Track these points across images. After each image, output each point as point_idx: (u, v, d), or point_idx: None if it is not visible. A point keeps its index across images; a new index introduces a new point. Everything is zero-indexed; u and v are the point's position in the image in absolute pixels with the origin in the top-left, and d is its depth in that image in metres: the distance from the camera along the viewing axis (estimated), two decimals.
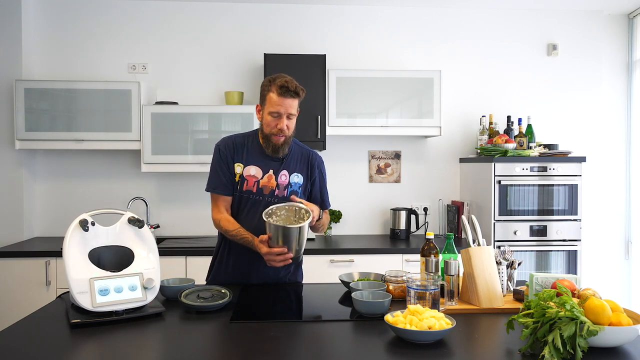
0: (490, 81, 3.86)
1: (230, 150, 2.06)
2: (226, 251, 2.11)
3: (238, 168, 2.04)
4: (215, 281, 2.13)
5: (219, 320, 1.62)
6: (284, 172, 2.05)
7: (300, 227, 1.83)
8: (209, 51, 3.73)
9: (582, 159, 3.37)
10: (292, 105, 1.97)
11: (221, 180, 2.04)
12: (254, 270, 2.06)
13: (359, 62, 3.77)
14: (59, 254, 3.05)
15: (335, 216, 3.70)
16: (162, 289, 1.81)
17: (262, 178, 2.03)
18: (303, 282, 2.22)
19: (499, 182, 3.32)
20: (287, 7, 3.75)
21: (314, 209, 1.95)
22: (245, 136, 2.11)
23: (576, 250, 3.35)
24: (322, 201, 2.15)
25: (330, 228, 3.73)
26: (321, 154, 3.74)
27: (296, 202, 1.92)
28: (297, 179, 2.07)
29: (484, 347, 1.43)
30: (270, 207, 1.91)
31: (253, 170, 2.03)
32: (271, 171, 2.04)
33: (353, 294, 1.69)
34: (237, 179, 2.04)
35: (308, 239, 3.49)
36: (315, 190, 2.13)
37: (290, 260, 1.89)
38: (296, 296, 1.99)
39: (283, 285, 2.11)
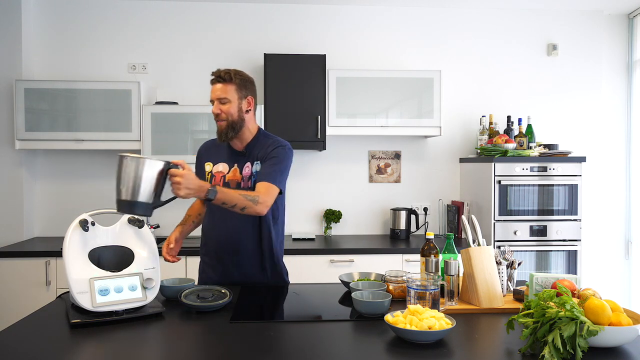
0: (490, 81, 3.86)
1: (204, 152, 2.19)
2: (202, 251, 2.20)
3: (207, 167, 2.14)
4: (202, 281, 2.19)
5: (219, 320, 1.62)
6: (247, 164, 2.06)
7: (139, 160, 1.58)
8: (209, 51, 3.73)
9: (582, 159, 3.37)
10: (222, 89, 2.00)
11: None
12: (234, 272, 2.10)
13: (359, 62, 3.77)
14: (59, 254, 3.05)
15: (335, 216, 3.70)
16: (162, 289, 1.82)
17: (228, 173, 2.09)
18: (304, 282, 2.22)
19: (499, 182, 3.32)
20: (287, 7, 3.75)
21: (183, 164, 1.74)
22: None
23: (576, 250, 3.35)
24: (263, 173, 1.99)
25: (330, 228, 3.73)
26: (321, 154, 3.78)
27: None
28: (258, 167, 2.05)
29: (484, 347, 1.43)
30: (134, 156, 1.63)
31: (221, 167, 2.11)
32: (236, 165, 2.08)
33: (353, 294, 1.69)
34: (207, 177, 2.12)
35: (308, 239, 3.49)
36: (265, 165, 2.01)
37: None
38: (296, 296, 1.99)
39: (283, 286, 2.12)
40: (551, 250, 3.36)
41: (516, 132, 3.55)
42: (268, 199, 1.92)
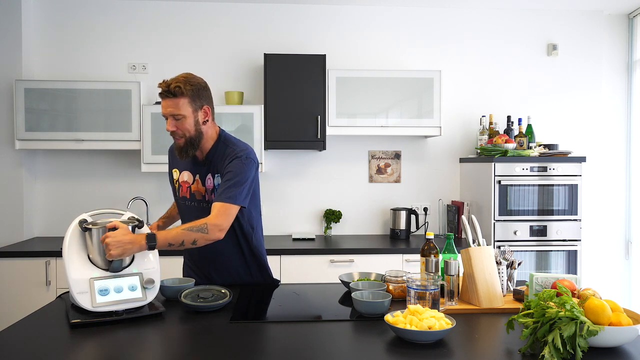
0: (490, 81, 3.86)
1: (171, 155, 2.10)
2: (186, 257, 2.17)
3: (175, 173, 2.06)
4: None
5: (219, 320, 1.62)
6: (209, 175, 1.95)
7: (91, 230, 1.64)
8: (209, 51, 3.73)
9: (582, 159, 3.37)
10: (174, 105, 1.83)
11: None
12: (212, 270, 2.07)
13: (359, 62, 3.77)
14: (59, 254, 3.05)
15: (335, 216, 3.70)
16: (162, 289, 1.81)
17: (192, 183, 1.99)
18: (304, 282, 2.22)
19: (499, 182, 3.31)
20: (287, 7, 3.75)
21: (116, 224, 1.66)
22: None
23: (576, 250, 3.35)
24: (221, 191, 1.84)
25: (330, 228, 3.73)
26: (321, 154, 3.78)
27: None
28: (220, 180, 1.91)
29: (484, 347, 1.43)
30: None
31: (186, 176, 2.01)
32: (197, 176, 1.97)
33: (353, 294, 1.69)
34: (175, 184, 2.06)
35: (308, 239, 3.49)
36: (223, 179, 1.88)
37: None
38: (296, 296, 1.99)
39: (283, 286, 2.12)
40: (551, 250, 3.36)
41: (516, 132, 3.55)
42: (221, 221, 1.77)
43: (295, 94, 3.41)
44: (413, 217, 3.70)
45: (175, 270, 3.09)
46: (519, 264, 1.95)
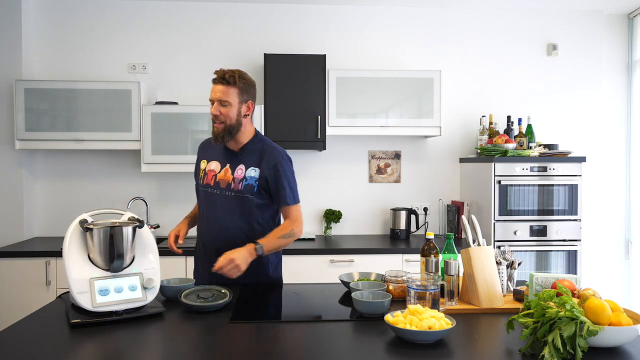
0: (490, 81, 3.86)
1: (201, 149, 2.22)
2: (197, 252, 2.19)
3: (203, 164, 2.16)
4: (198, 281, 2.16)
5: (219, 320, 1.62)
6: (241, 166, 2.07)
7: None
8: (209, 51, 3.73)
9: (582, 159, 3.37)
10: (223, 91, 1.99)
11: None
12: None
13: (359, 62, 3.77)
14: (59, 254, 3.05)
15: (335, 216, 3.70)
16: (162, 289, 1.81)
17: (219, 172, 2.09)
18: (304, 282, 2.22)
19: (499, 182, 3.31)
20: (287, 7, 3.75)
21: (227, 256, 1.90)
22: None
23: (576, 250, 3.35)
24: (278, 198, 2.07)
25: (330, 228, 3.73)
26: (321, 154, 3.78)
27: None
28: (254, 172, 2.05)
29: (484, 347, 1.43)
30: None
31: (213, 165, 2.12)
32: (228, 165, 2.09)
33: (353, 294, 1.69)
34: (201, 174, 2.14)
35: (308, 239, 3.49)
36: (275, 186, 2.06)
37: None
38: (296, 296, 1.99)
39: (282, 286, 2.12)
40: (551, 250, 3.36)
41: (516, 132, 3.55)
42: (300, 222, 2.08)
43: (295, 94, 3.41)
44: (413, 217, 3.70)
45: (176, 270, 3.10)
46: (519, 264, 1.95)
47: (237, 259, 1.87)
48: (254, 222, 2.06)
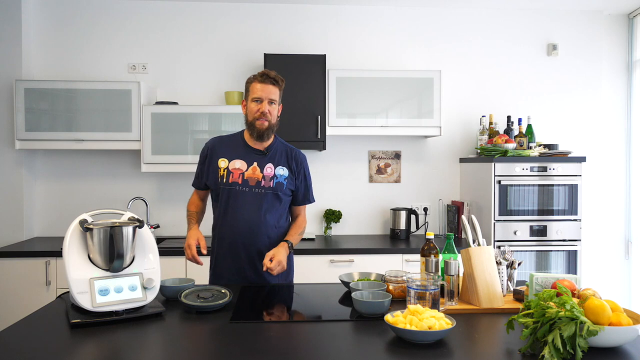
0: (490, 81, 3.86)
1: (213, 148, 2.20)
2: (219, 250, 2.19)
3: (223, 163, 2.16)
4: (215, 281, 2.18)
5: (219, 320, 1.62)
6: (269, 164, 2.15)
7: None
8: (209, 51, 3.73)
9: (582, 159, 3.37)
10: (272, 91, 2.10)
11: (198, 177, 2.25)
12: (249, 271, 2.13)
13: (359, 62, 3.77)
14: (59, 254, 3.05)
15: (335, 216, 3.70)
16: (162, 289, 1.81)
17: (246, 170, 2.13)
18: (304, 282, 2.23)
19: (499, 182, 3.31)
20: (287, 7, 3.75)
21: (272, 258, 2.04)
22: (231, 135, 2.26)
23: (576, 250, 3.35)
24: (302, 196, 2.25)
25: (330, 228, 3.73)
26: (321, 154, 3.78)
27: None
28: (283, 171, 2.16)
29: (484, 347, 1.43)
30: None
31: (238, 164, 2.14)
32: (255, 163, 2.14)
33: (353, 294, 1.69)
34: (221, 172, 2.14)
35: (308, 239, 3.49)
36: (301, 185, 2.23)
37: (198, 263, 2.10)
38: (296, 296, 1.99)
39: (282, 286, 2.12)
40: (551, 250, 3.36)
41: (516, 132, 3.55)
42: (306, 220, 2.32)
43: (295, 94, 3.40)
44: (413, 217, 3.70)
45: (176, 270, 3.11)
46: (519, 264, 1.95)
47: (282, 259, 2.02)
48: (282, 218, 2.19)
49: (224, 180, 2.13)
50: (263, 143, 2.16)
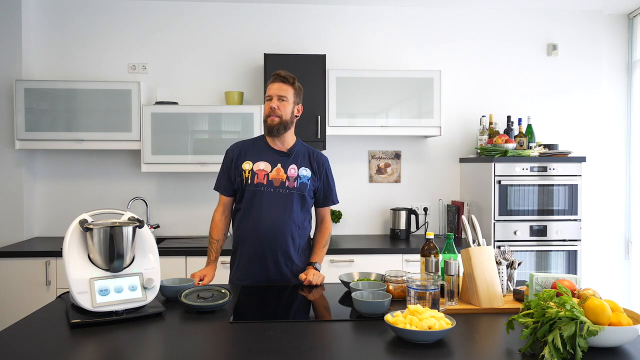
0: (490, 81, 3.86)
1: (238, 152, 2.23)
2: (242, 249, 2.21)
3: (247, 165, 2.19)
4: (237, 280, 2.21)
5: (219, 320, 1.62)
6: (293, 165, 2.19)
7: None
8: (208, 51, 3.73)
9: (582, 159, 3.37)
10: (282, 88, 2.16)
11: (222, 182, 2.26)
12: (273, 270, 2.16)
13: (359, 62, 3.77)
14: (59, 254, 3.05)
15: (335, 216, 3.70)
16: (162, 289, 1.82)
17: (271, 171, 2.17)
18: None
19: (499, 182, 3.31)
20: (287, 7, 3.75)
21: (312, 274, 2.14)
22: (253, 139, 2.32)
23: (576, 250, 3.35)
24: (326, 198, 2.31)
25: None
26: None
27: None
28: (306, 172, 2.21)
29: (484, 347, 1.43)
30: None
31: (262, 165, 2.18)
32: (279, 164, 2.18)
33: (353, 294, 1.69)
34: (246, 174, 2.16)
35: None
36: (325, 187, 2.29)
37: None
38: (296, 296, 1.99)
39: (282, 285, 2.12)
40: (551, 250, 3.36)
41: (516, 132, 3.55)
42: (331, 222, 2.38)
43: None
44: (413, 217, 3.70)
45: (176, 270, 3.10)
46: (519, 264, 1.95)
47: (316, 274, 2.12)
48: (305, 220, 2.23)
49: (249, 181, 2.15)
50: (285, 144, 2.21)
